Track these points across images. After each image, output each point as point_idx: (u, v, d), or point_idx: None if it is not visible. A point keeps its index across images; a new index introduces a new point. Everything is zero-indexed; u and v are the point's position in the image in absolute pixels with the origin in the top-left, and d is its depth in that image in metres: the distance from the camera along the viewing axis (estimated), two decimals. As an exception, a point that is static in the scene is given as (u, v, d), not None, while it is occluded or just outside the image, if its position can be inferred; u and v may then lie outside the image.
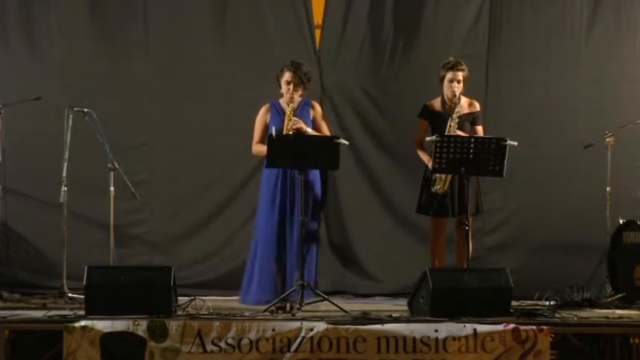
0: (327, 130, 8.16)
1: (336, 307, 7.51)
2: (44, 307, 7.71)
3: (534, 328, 6.95)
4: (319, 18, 9.34)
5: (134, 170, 8.75)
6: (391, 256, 9.21)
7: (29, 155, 8.97)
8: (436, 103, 8.25)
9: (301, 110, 8.09)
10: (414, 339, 6.90)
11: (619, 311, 7.71)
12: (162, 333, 6.85)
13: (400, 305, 7.98)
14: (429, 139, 7.85)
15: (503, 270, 7.43)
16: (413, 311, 7.44)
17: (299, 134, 7.90)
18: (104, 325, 6.85)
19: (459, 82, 8.11)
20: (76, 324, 6.85)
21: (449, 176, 8.00)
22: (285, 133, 7.88)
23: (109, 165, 8.11)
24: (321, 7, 9.32)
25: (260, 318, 7.10)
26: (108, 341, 6.82)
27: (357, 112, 9.35)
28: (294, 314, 7.29)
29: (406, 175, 9.12)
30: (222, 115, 9.19)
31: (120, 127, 8.91)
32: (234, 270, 8.83)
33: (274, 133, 7.73)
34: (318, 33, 9.33)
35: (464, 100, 8.20)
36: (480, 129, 8.24)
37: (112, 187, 8.11)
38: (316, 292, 7.75)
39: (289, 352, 6.86)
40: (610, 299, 8.02)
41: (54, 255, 8.61)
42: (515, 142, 7.68)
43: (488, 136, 7.86)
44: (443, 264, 8.26)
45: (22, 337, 7.08)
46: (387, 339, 6.90)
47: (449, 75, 8.12)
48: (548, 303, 7.93)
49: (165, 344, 6.85)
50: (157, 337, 6.85)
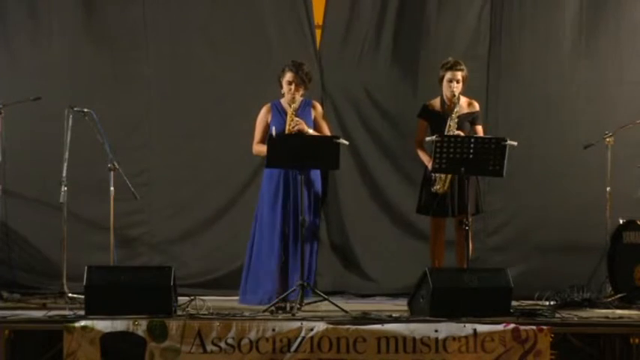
0: (327, 130, 8.15)
1: (336, 307, 7.50)
2: (44, 307, 7.70)
3: (534, 328, 6.95)
4: (320, 18, 9.33)
5: (134, 171, 8.75)
6: (391, 256, 9.20)
7: (29, 155, 8.96)
8: (436, 103, 8.25)
9: (302, 110, 8.09)
10: (414, 339, 6.89)
11: (619, 311, 7.71)
12: (162, 333, 6.85)
13: (400, 305, 7.98)
14: (429, 139, 7.85)
15: (503, 270, 7.42)
16: (413, 311, 7.44)
17: (299, 134, 7.91)
18: (104, 325, 6.84)
19: (458, 82, 8.11)
20: (76, 324, 6.84)
21: (449, 176, 8.00)
22: (288, 133, 7.88)
23: (109, 165, 8.10)
24: (322, 7, 9.32)
25: (260, 318, 7.09)
26: (108, 341, 6.81)
27: (358, 112, 9.34)
28: (294, 314, 7.28)
29: (406, 175, 9.13)
30: (222, 116, 9.17)
31: (120, 128, 8.92)
32: (234, 270, 8.82)
33: (274, 133, 7.74)
34: (318, 33, 9.33)
35: (463, 100, 8.20)
36: (480, 129, 8.24)
37: (112, 188, 8.10)
38: (316, 292, 7.75)
39: (289, 352, 6.86)
40: (610, 299, 8.01)
41: (54, 255, 8.60)
42: (515, 142, 7.68)
43: (488, 136, 7.88)
44: (443, 264, 8.26)
45: (22, 337, 7.06)
46: (387, 339, 6.90)
47: (448, 75, 8.12)
48: (548, 303, 7.93)
49: (165, 344, 6.85)
50: (156, 337, 6.84)
